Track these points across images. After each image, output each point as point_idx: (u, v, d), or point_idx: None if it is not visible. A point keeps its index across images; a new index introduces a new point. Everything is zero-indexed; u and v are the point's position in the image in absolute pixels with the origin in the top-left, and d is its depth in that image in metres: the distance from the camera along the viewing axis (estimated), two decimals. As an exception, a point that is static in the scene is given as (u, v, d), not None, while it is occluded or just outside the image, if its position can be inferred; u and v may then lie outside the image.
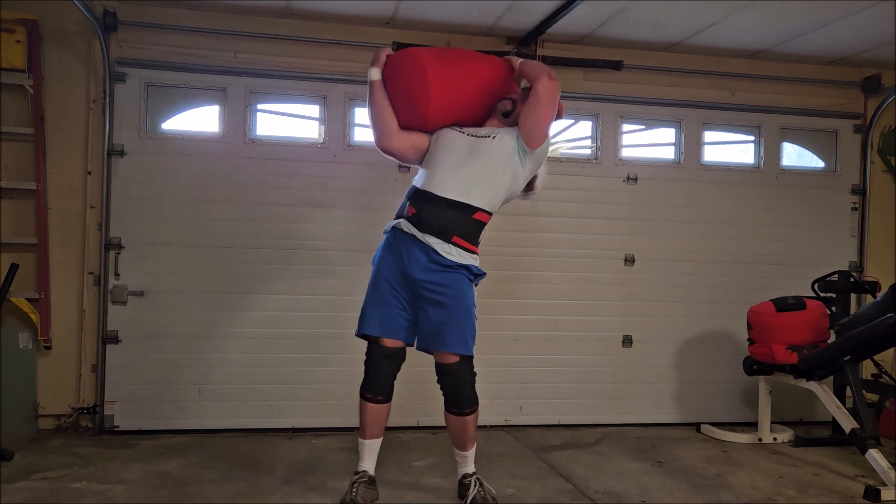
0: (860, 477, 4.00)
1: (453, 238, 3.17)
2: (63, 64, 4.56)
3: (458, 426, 3.29)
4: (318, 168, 4.83)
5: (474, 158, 3.21)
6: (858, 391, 4.21)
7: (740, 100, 5.40)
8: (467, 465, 3.39)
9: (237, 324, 4.70)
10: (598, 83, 5.17)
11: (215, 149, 4.74)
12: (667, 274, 5.24)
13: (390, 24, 4.83)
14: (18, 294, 4.38)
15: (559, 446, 4.54)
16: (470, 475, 3.37)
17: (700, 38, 4.96)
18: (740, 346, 5.03)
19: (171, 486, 3.57)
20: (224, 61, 4.71)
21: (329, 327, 4.74)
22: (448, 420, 3.31)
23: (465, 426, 3.28)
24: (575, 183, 5.14)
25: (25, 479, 3.58)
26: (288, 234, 4.77)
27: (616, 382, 5.17)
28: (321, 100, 4.88)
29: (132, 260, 4.59)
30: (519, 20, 4.70)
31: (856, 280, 4.84)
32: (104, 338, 4.57)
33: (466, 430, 3.29)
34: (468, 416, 3.27)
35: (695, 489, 3.75)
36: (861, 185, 5.57)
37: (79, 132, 4.58)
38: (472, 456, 3.40)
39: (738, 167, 5.46)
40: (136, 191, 4.61)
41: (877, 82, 5.50)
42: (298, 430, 4.69)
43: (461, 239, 3.19)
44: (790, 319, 4.50)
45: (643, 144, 5.41)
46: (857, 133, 5.58)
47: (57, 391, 4.56)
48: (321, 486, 3.62)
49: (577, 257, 5.12)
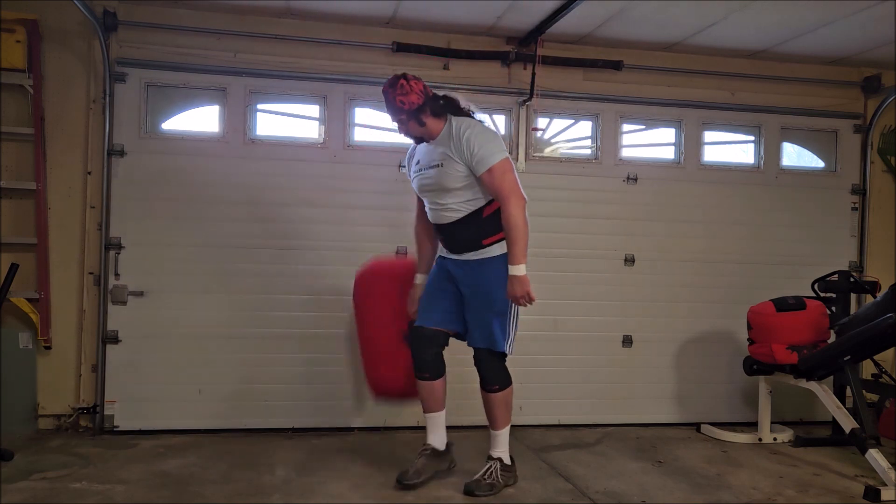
0: (860, 477, 3.99)
1: (483, 242, 3.51)
2: (63, 64, 4.56)
3: (484, 402, 3.62)
4: (317, 168, 4.83)
5: (440, 184, 3.52)
6: (858, 391, 4.21)
7: (740, 100, 5.40)
8: (494, 447, 3.61)
9: (237, 324, 4.69)
10: (598, 83, 5.17)
11: (215, 149, 4.74)
12: (667, 274, 5.24)
13: (390, 24, 4.83)
14: (18, 294, 4.37)
15: (559, 446, 4.54)
16: (493, 458, 3.58)
17: (700, 38, 4.96)
18: (740, 346, 5.02)
19: (171, 486, 3.57)
20: (224, 61, 4.71)
21: (329, 327, 4.74)
22: (481, 396, 3.64)
23: (490, 402, 3.59)
24: (575, 183, 5.14)
25: (25, 479, 3.58)
26: (288, 234, 4.77)
27: (616, 382, 5.17)
28: (321, 100, 4.87)
29: (132, 260, 4.59)
30: (519, 20, 4.69)
31: (856, 280, 4.84)
32: (104, 338, 4.57)
33: (491, 407, 3.59)
34: (492, 394, 3.57)
35: (695, 489, 3.75)
36: (861, 185, 5.56)
37: (79, 132, 4.58)
38: (501, 437, 3.61)
39: (738, 167, 5.45)
40: (136, 191, 4.61)
41: (877, 82, 5.50)
42: (298, 430, 4.69)
43: (488, 237, 3.51)
44: (790, 319, 4.50)
45: (643, 144, 5.41)
46: (857, 133, 5.58)
47: (57, 391, 4.56)
48: (321, 486, 3.62)
49: (577, 257, 5.12)
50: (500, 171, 3.39)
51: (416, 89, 3.45)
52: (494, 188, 3.41)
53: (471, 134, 3.43)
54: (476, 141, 3.41)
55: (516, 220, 3.37)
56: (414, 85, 3.45)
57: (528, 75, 4.92)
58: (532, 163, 5.09)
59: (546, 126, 5.21)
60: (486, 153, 3.39)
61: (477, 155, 3.39)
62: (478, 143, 3.41)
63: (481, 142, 3.41)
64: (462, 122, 3.50)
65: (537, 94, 4.92)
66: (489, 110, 5.11)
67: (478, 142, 3.41)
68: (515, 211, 3.37)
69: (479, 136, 3.44)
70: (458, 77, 4.97)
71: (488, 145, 3.42)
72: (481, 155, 3.39)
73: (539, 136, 5.17)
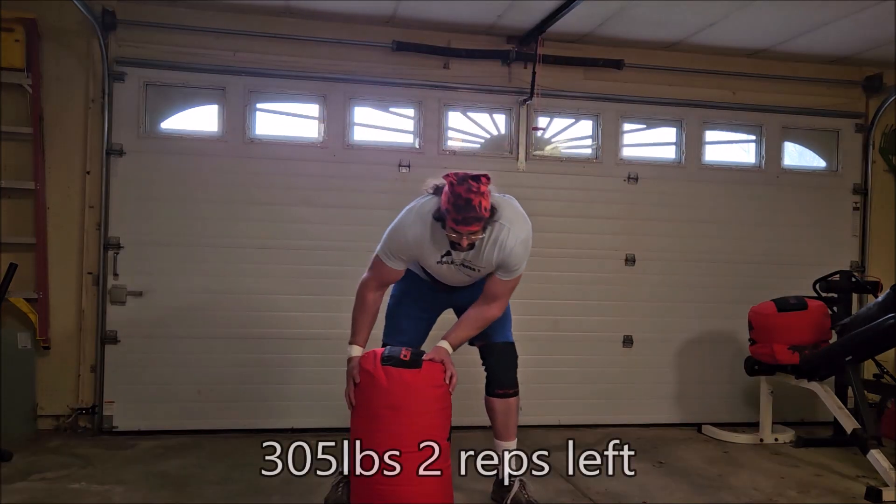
0: (862, 477, 3.98)
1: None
2: (62, 63, 4.55)
3: (498, 411, 3.32)
4: (317, 168, 4.82)
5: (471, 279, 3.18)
6: (860, 391, 4.19)
7: (741, 99, 5.38)
8: (516, 465, 3.28)
9: (237, 324, 4.68)
10: (598, 82, 5.15)
11: (214, 148, 4.73)
12: (668, 274, 5.22)
13: (390, 22, 4.82)
14: (17, 294, 4.36)
15: (559, 447, 4.51)
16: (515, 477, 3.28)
17: (701, 38, 4.95)
18: (741, 347, 5.01)
19: (171, 486, 3.56)
20: (223, 60, 4.70)
21: (329, 327, 4.71)
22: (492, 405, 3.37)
23: (508, 409, 3.30)
24: (575, 183, 5.12)
25: (24, 479, 3.57)
26: (288, 234, 4.76)
27: (616, 383, 5.16)
28: (321, 99, 4.86)
29: (131, 260, 4.58)
30: (519, 19, 4.68)
31: (857, 280, 4.83)
32: (103, 338, 4.56)
33: (509, 414, 3.30)
34: (509, 399, 3.29)
35: (696, 490, 3.74)
36: (862, 185, 5.55)
37: (77, 132, 4.57)
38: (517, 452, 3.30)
39: (739, 167, 5.44)
40: (135, 190, 4.60)
41: (878, 81, 5.48)
42: (298, 431, 4.67)
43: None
44: (792, 319, 4.48)
45: (644, 144, 5.40)
46: (858, 132, 5.57)
47: (56, 391, 4.55)
48: (321, 486, 3.61)
49: (577, 257, 5.11)
50: (515, 282, 3.08)
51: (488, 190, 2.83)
52: (496, 291, 3.07)
53: (515, 249, 2.97)
54: (517, 258, 3.00)
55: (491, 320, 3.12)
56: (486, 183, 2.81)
57: (529, 74, 4.91)
58: (532, 162, 5.08)
59: (546, 125, 5.20)
60: (517, 267, 3.04)
61: (510, 267, 3.03)
62: (517, 259, 3.00)
63: (520, 258, 3.01)
64: (504, 229, 2.95)
65: (538, 94, 4.91)
66: (489, 109, 5.11)
67: (518, 259, 3.00)
68: (497, 313, 3.12)
69: (521, 253, 3.00)
70: (458, 76, 4.96)
71: (524, 261, 3.05)
72: (513, 268, 3.03)
73: (539, 135, 5.16)
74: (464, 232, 2.79)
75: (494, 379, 3.31)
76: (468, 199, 2.71)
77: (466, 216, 2.74)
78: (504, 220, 2.92)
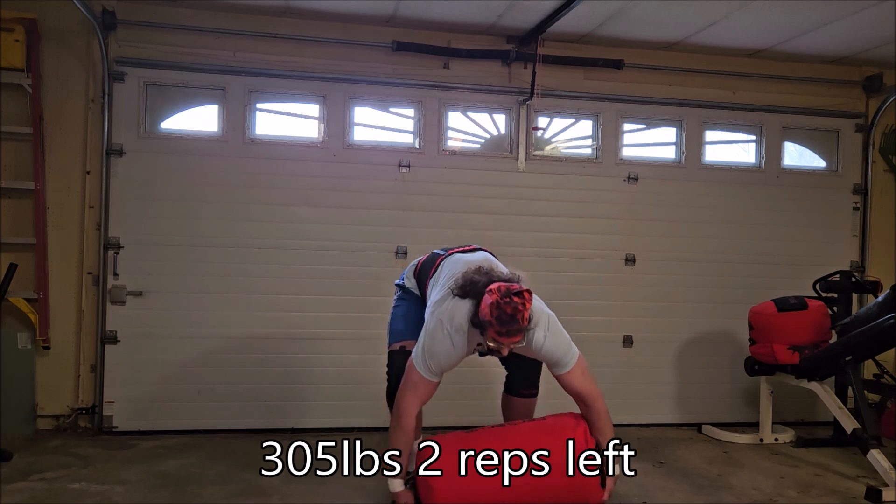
0: (862, 477, 3.98)
1: None
2: (62, 63, 4.55)
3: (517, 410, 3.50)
4: (317, 168, 4.82)
5: None
6: (860, 391, 4.19)
7: (741, 99, 5.38)
8: None
9: (237, 324, 4.68)
10: (598, 82, 5.15)
11: (214, 148, 4.73)
12: (667, 274, 5.22)
13: (390, 23, 4.82)
14: (17, 294, 4.36)
15: (560, 447, 4.51)
16: None
17: (701, 38, 4.95)
18: (741, 347, 5.01)
19: (171, 486, 3.56)
20: (223, 60, 4.70)
21: (329, 327, 4.73)
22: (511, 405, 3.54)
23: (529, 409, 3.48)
24: (575, 183, 5.12)
25: (24, 479, 3.57)
26: (287, 234, 4.75)
27: (616, 383, 5.14)
28: (321, 99, 4.86)
29: (131, 260, 4.58)
30: (519, 19, 4.68)
31: (857, 280, 4.83)
32: (103, 338, 4.56)
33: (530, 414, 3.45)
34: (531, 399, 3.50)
35: (696, 490, 3.74)
36: (862, 185, 5.55)
37: (77, 132, 4.57)
38: None
39: (739, 167, 5.44)
40: (135, 190, 4.60)
41: (878, 81, 5.48)
42: (298, 430, 4.67)
43: None
44: (792, 319, 4.48)
45: (644, 144, 5.39)
46: (858, 132, 5.57)
47: (56, 391, 4.55)
48: (321, 486, 3.61)
49: (577, 257, 5.10)
50: (581, 367, 3.12)
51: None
52: (576, 387, 3.13)
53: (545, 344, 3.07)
54: (556, 349, 3.09)
55: (603, 410, 3.18)
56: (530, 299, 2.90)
57: (529, 74, 4.91)
58: (532, 162, 5.08)
59: (546, 125, 5.20)
60: (564, 358, 3.10)
61: (559, 361, 3.10)
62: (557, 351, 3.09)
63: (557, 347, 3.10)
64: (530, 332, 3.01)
65: (538, 94, 4.90)
66: (489, 109, 5.11)
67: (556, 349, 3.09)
68: (599, 399, 3.17)
69: (555, 343, 3.09)
70: (458, 76, 4.96)
71: (569, 347, 3.12)
72: (563, 361, 3.10)
73: (539, 135, 5.16)
74: (506, 343, 2.88)
75: (521, 378, 3.35)
76: (513, 314, 2.80)
77: (510, 329, 2.83)
78: (532, 323, 2.96)
